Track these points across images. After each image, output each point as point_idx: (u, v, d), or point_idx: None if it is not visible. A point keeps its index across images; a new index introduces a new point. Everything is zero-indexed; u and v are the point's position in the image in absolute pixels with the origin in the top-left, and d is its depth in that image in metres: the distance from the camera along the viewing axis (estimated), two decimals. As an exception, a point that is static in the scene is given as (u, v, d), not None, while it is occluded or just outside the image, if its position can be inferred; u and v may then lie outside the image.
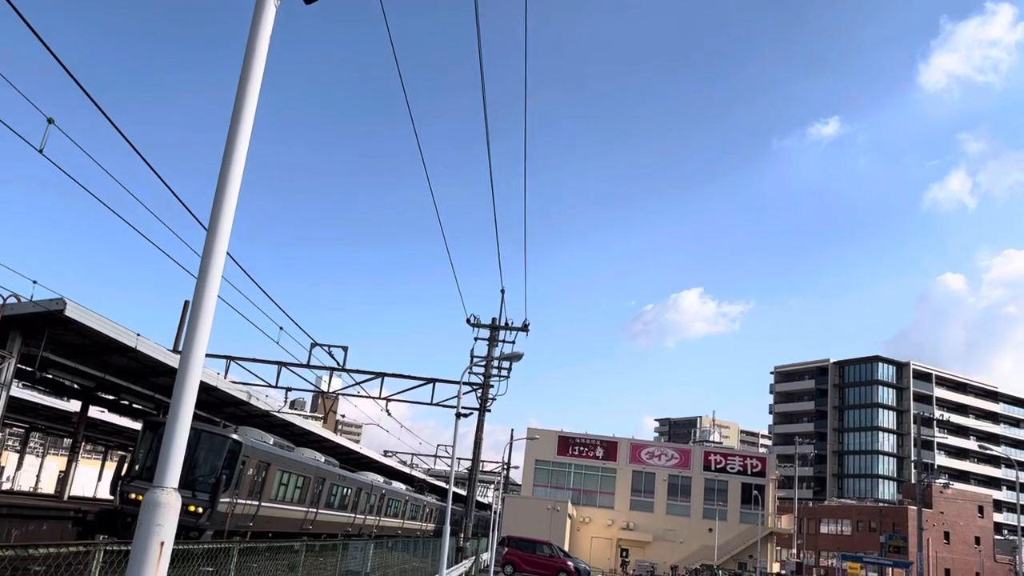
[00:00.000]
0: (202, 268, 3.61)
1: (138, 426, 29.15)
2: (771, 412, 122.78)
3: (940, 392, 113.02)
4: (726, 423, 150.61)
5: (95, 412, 30.00)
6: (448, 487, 20.97)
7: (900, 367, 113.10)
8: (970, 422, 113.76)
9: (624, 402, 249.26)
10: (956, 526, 72.11)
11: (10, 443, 60.04)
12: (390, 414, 30.24)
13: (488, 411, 28.02)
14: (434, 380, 27.34)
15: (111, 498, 19.95)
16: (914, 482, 59.05)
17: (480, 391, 28.06)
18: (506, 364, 28.32)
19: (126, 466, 19.70)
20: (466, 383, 26.09)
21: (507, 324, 28.10)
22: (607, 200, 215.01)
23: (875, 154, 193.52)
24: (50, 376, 20.65)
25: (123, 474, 19.17)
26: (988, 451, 76.87)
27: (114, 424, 34.81)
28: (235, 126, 3.76)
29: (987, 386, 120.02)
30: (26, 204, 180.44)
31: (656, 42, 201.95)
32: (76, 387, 23.53)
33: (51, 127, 10.08)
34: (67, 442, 46.65)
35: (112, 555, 5.18)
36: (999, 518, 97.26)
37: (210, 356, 27.05)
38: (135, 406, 27.21)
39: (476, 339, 28.15)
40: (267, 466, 21.43)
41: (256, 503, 20.92)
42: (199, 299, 3.57)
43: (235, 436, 19.67)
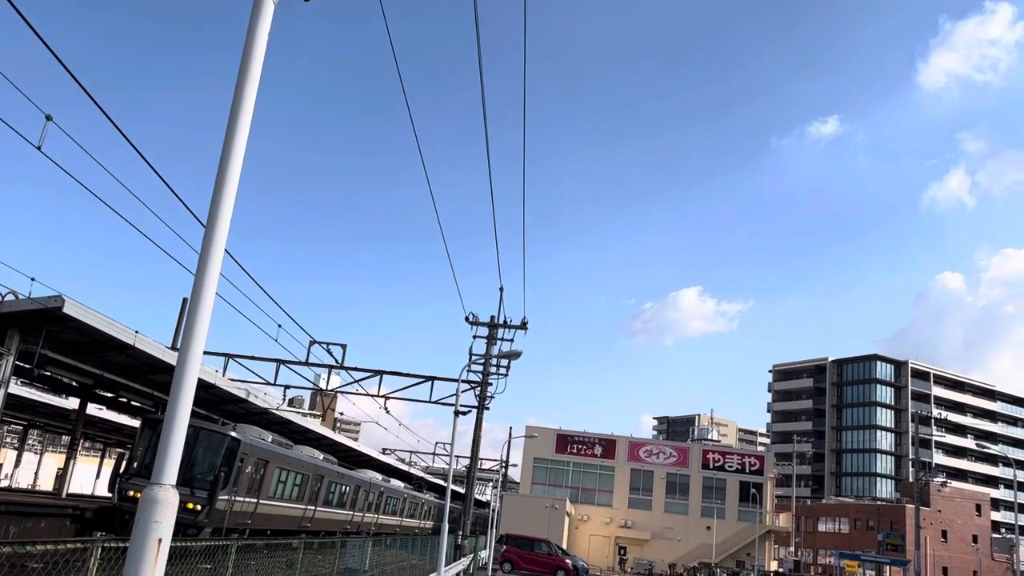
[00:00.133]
0: (200, 265, 3.61)
1: (136, 424, 29.16)
2: (769, 410, 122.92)
3: (938, 391, 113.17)
4: (724, 421, 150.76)
5: (93, 409, 29.99)
6: (447, 485, 20.98)
7: (898, 366, 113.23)
8: (968, 420, 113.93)
9: (623, 400, 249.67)
10: (954, 524, 72.24)
11: (8, 440, 60.05)
12: (389, 412, 30.27)
13: (487, 409, 28.05)
14: (433, 378, 27.35)
15: (109, 495, 19.96)
16: (912, 480, 59.12)
17: (479, 389, 28.07)
18: (505, 362, 28.32)
19: (124, 463, 19.72)
20: (465, 381, 26.10)
21: (506, 322, 28.10)
22: (606, 198, 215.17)
23: (874, 153, 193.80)
24: (48, 373, 20.63)
25: (121, 471, 19.19)
26: (986, 449, 77.01)
27: (112, 421, 34.81)
28: (233, 124, 3.77)
29: (985, 385, 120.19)
30: (25, 201, 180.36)
31: (656, 41, 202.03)
32: (74, 384, 23.51)
33: (49, 124, 10.07)
34: (65, 439, 46.63)
35: (110, 552, 5.18)
36: (996, 516, 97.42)
37: (209, 354, 27.03)
38: (133, 403, 27.19)
39: (475, 337, 28.17)
40: (265, 463, 21.43)
41: (255, 500, 20.93)
42: (197, 296, 3.57)
43: (234, 434, 19.67)
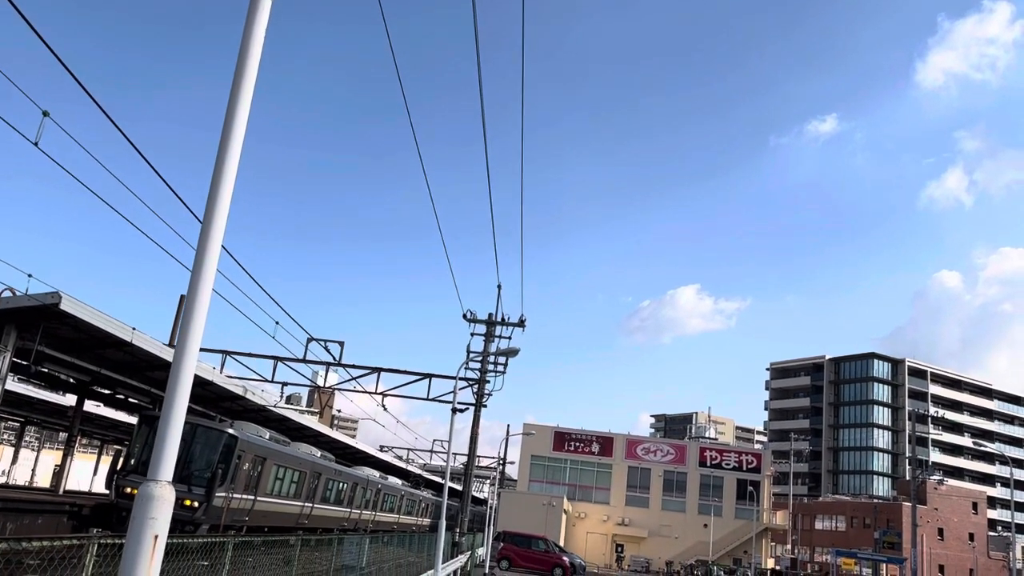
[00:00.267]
0: (197, 262, 3.61)
1: (134, 420, 29.16)
2: (767, 408, 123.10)
3: (935, 389, 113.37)
4: (722, 419, 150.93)
5: (91, 406, 29.96)
6: (444, 482, 21.00)
7: (895, 364, 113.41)
8: (965, 419, 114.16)
9: (620, 398, 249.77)
10: (950, 522, 72.41)
11: (5, 437, 60.01)
12: (386, 409, 30.29)
13: (484, 406, 28.07)
14: (430, 375, 27.39)
15: (107, 492, 19.94)
16: (909, 478, 59.24)
17: (476, 386, 28.09)
18: (502, 359, 28.36)
19: (122, 460, 19.69)
20: (462, 378, 26.12)
21: (503, 320, 28.12)
22: (605, 197, 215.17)
23: (872, 152, 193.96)
24: (45, 370, 20.61)
25: (119, 468, 19.16)
26: (982, 448, 77.20)
27: (110, 418, 34.79)
28: (230, 120, 3.76)
29: (981, 383, 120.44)
30: (22, 198, 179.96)
31: (655, 40, 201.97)
32: (71, 381, 23.48)
33: (46, 120, 10.05)
34: (63, 436, 46.60)
35: (106, 549, 5.17)
36: (993, 514, 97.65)
37: (206, 351, 27.05)
38: (131, 400, 27.17)
39: (472, 335, 28.20)
40: (263, 461, 21.42)
41: (252, 498, 20.92)
42: (194, 293, 3.56)
43: (231, 431, 19.66)
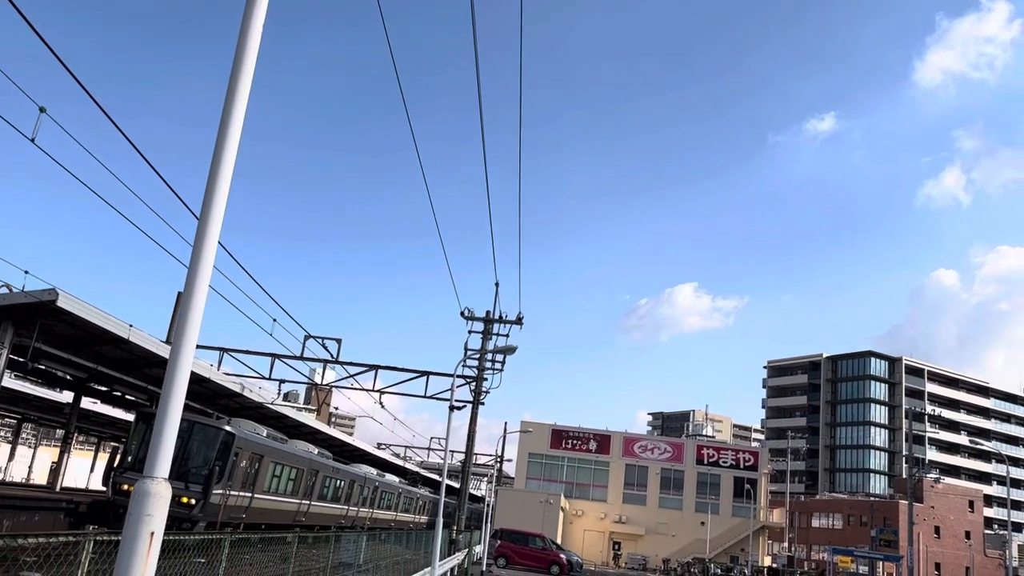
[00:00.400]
0: (193, 258, 3.60)
1: (131, 417, 29.13)
2: (764, 406, 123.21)
3: (932, 387, 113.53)
4: (719, 417, 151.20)
5: (88, 403, 29.93)
6: (441, 480, 21.00)
7: (892, 362, 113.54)
8: (961, 417, 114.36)
9: (617, 396, 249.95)
10: (947, 520, 72.58)
11: (2, 434, 59.90)
12: (384, 407, 30.24)
13: (482, 404, 28.05)
14: (428, 373, 27.38)
15: (103, 489, 19.92)
16: (905, 477, 59.32)
17: (474, 384, 28.08)
18: (500, 357, 28.35)
19: (119, 457, 19.66)
20: (460, 376, 26.11)
21: (501, 317, 28.10)
22: (603, 195, 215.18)
23: (871, 150, 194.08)
24: (42, 367, 20.57)
25: (116, 465, 19.14)
26: (979, 446, 77.33)
27: (107, 415, 34.75)
28: (226, 117, 3.74)
29: (978, 381, 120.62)
30: (18, 194, 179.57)
31: (653, 38, 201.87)
32: (68, 378, 23.47)
33: (43, 116, 10.02)
34: (60, 433, 46.52)
35: (102, 545, 5.16)
36: (989, 513, 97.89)
37: (203, 348, 27.01)
38: (128, 397, 27.16)
39: (470, 332, 28.16)
40: (260, 458, 21.41)
41: (249, 495, 20.92)
42: (190, 289, 3.55)
43: (228, 428, 19.65)
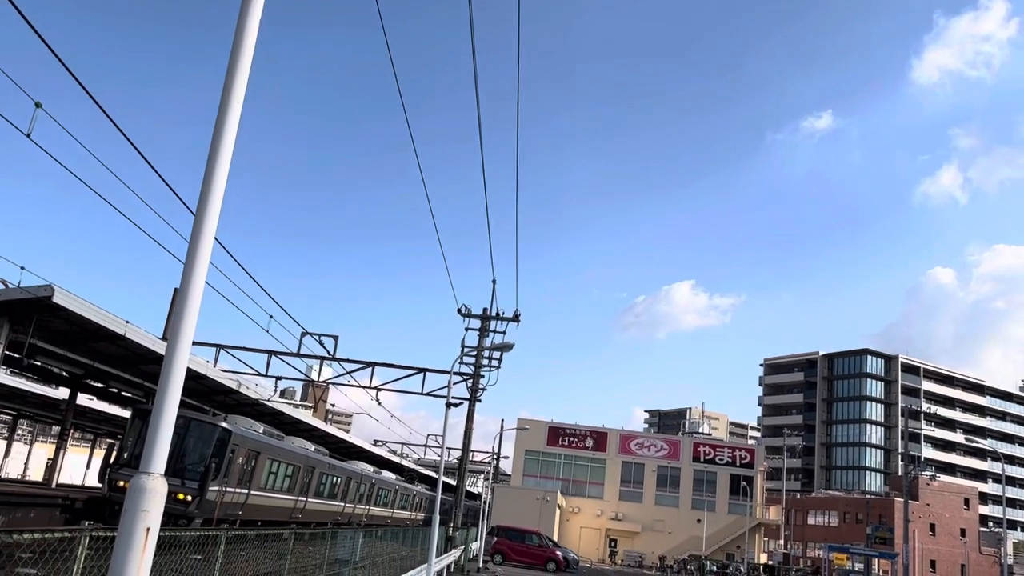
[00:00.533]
0: (190, 254, 3.59)
1: (127, 414, 29.07)
2: (760, 404, 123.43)
3: (928, 385, 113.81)
4: (715, 415, 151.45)
5: (84, 400, 29.89)
6: (438, 477, 21.00)
7: (889, 360, 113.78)
8: (957, 415, 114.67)
9: (614, 393, 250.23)
10: (942, 518, 72.78)
11: (-2, 430, 59.76)
12: (380, 403, 30.26)
13: (479, 401, 28.07)
14: (425, 370, 27.34)
15: (99, 486, 19.90)
16: (901, 474, 59.51)
17: (471, 381, 28.08)
18: (497, 354, 28.35)
19: (115, 454, 19.64)
20: (457, 373, 26.12)
21: (498, 314, 28.11)
22: (601, 193, 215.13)
23: (868, 148, 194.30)
24: (38, 363, 20.53)
25: (112, 462, 19.12)
26: (974, 444, 77.48)
27: (103, 412, 34.68)
28: (223, 113, 3.73)
29: (974, 379, 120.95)
30: (14, 190, 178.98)
31: (651, 37, 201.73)
32: (64, 374, 23.42)
33: (39, 112, 9.98)
34: (55, 429, 46.45)
35: (98, 541, 5.16)
36: (984, 510, 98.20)
37: (200, 344, 26.96)
38: (124, 394, 27.12)
39: (467, 329, 28.17)
40: (256, 455, 21.39)
41: (245, 491, 20.90)
42: (187, 285, 3.55)
43: (224, 424, 19.63)
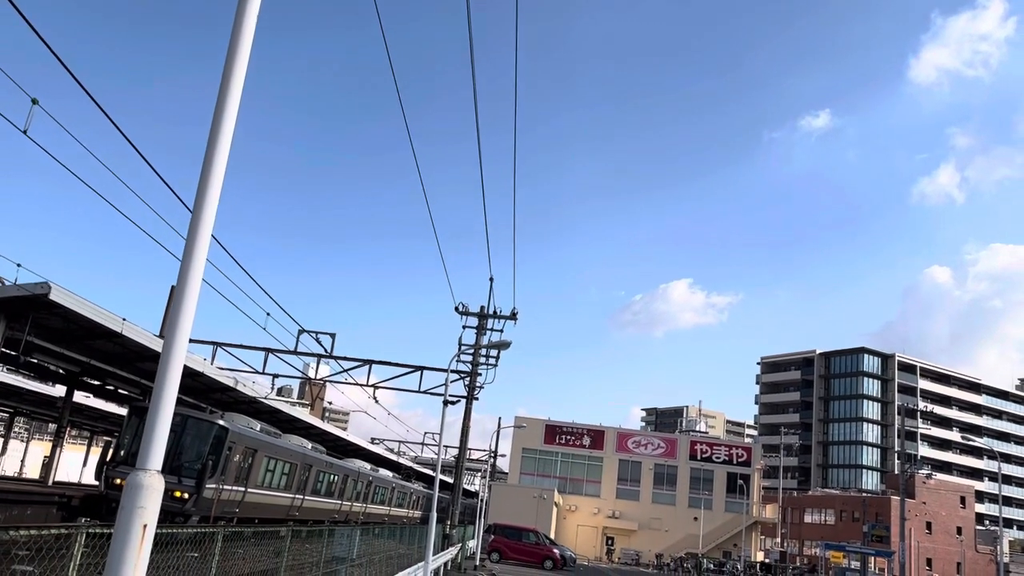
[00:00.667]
0: (187, 251, 3.59)
1: (123, 412, 29.02)
2: (757, 402, 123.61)
3: (924, 384, 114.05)
4: (712, 413, 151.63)
5: (80, 397, 29.84)
6: (435, 475, 21.00)
7: (885, 359, 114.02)
8: (953, 414, 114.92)
9: (612, 392, 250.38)
10: (938, 516, 72.93)
11: (-6, 428, 59.65)
12: (377, 401, 30.26)
13: (476, 399, 28.09)
14: (422, 368, 27.35)
15: (96, 483, 19.88)
16: (897, 473, 59.63)
17: (468, 379, 28.10)
18: (494, 352, 28.37)
19: (111, 451, 19.63)
20: (454, 371, 26.12)
21: (495, 312, 28.12)
22: (598, 192, 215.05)
23: (865, 147, 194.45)
24: (35, 360, 20.48)
25: (108, 459, 19.10)
26: (971, 442, 77.68)
27: (99, 409, 34.63)
28: (219, 111, 3.72)
29: (970, 378, 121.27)
30: (10, 187, 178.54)
31: (651, 37, 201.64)
32: (61, 372, 23.36)
33: (35, 108, 9.96)
34: (52, 427, 46.39)
35: (95, 538, 5.15)
36: (981, 509, 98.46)
37: (196, 342, 26.95)
38: (121, 391, 27.07)
39: (464, 327, 28.20)
40: (254, 452, 21.38)
41: (242, 489, 20.89)
42: (183, 283, 3.54)
43: (221, 422, 19.61)
